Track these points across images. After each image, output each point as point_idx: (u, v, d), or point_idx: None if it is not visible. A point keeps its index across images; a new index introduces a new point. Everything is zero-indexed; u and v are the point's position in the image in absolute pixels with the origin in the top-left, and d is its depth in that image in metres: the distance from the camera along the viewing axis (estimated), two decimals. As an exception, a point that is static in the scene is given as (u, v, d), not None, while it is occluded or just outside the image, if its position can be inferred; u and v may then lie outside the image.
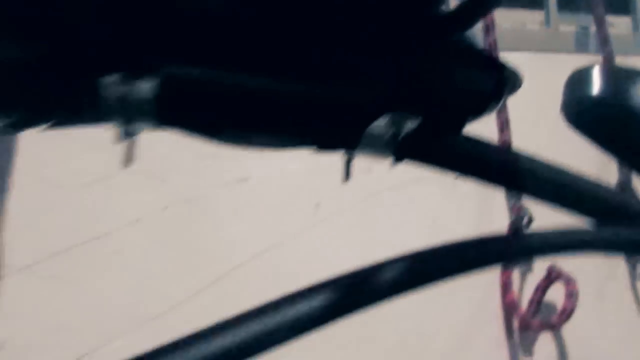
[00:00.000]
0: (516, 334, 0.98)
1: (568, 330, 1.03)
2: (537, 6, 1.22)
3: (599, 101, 0.31)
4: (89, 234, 0.72)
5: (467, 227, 0.98)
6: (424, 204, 0.97)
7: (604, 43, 1.10)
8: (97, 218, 0.74)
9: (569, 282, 0.89)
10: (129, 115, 0.22)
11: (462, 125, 0.26)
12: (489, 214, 0.99)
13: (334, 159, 0.27)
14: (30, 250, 0.70)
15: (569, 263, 0.96)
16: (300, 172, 0.89)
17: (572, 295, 0.88)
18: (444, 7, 0.24)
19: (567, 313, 0.88)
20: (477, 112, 0.25)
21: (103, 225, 0.74)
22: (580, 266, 1.04)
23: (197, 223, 0.83)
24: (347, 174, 0.26)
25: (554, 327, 0.90)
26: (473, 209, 0.99)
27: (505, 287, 0.94)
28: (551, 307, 0.96)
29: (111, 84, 0.21)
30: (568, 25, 1.21)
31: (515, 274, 0.99)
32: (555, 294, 0.97)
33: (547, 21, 1.20)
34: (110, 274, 0.75)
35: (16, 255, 0.68)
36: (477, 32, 1.01)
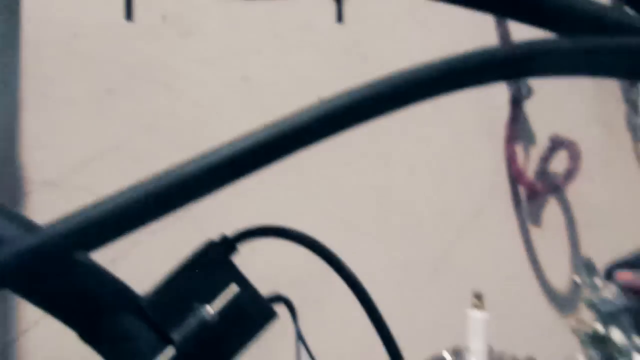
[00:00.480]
0: (524, 204, 1.02)
1: (574, 197, 1.07)
2: None
3: None
4: (107, 144, 0.75)
5: (468, 106, 0.99)
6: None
7: None
8: (115, 128, 0.76)
9: (571, 145, 0.92)
10: None
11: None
12: (489, 89, 1.00)
13: None
14: (52, 164, 0.72)
15: (573, 134, 0.99)
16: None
17: (574, 157, 0.91)
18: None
19: (571, 173, 0.91)
20: None
21: (121, 134, 0.76)
22: (584, 136, 1.07)
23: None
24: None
25: (559, 188, 0.94)
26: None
27: (511, 158, 0.97)
28: (557, 176, 1.00)
29: None
30: None
31: (519, 148, 1.02)
32: (560, 164, 1.00)
33: None
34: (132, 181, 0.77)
35: (38, 170, 0.71)
36: None
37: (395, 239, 0.92)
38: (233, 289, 0.32)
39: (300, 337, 0.37)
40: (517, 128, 0.98)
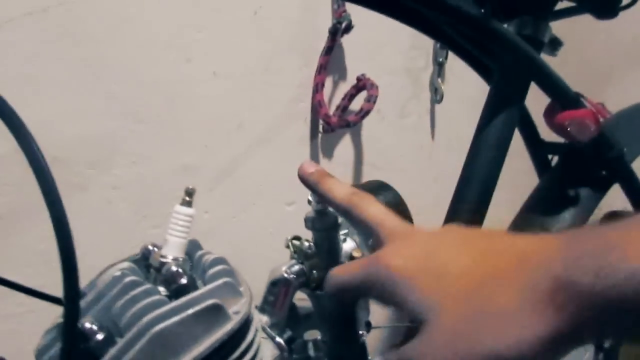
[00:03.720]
0: (320, 135, 1.05)
1: (367, 138, 1.14)
2: None
3: None
4: None
5: (289, 23, 0.98)
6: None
7: None
8: None
9: (372, 88, 0.96)
10: None
11: None
12: (313, 13, 0.99)
13: None
14: None
15: (380, 79, 1.03)
16: None
17: (371, 99, 0.95)
18: None
19: (363, 113, 0.96)
20: None
21: None
22: (389, 84, 1.13)
23: None
24: None
25: (350, 125, 0.99)
26: (297, 5, 0.98)
27: (317, 88, 0.98)
28: (351, 113, 1.04)
29: None
30: None
31: (330, 80, 1.04)
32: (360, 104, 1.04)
33: None
34: None
35: None
36: None
37: (181, 141, 0.90)
38: None
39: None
40: (330, 59, 0.99)
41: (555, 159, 0.73)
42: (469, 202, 0.59)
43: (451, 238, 0.32)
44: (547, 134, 0.72)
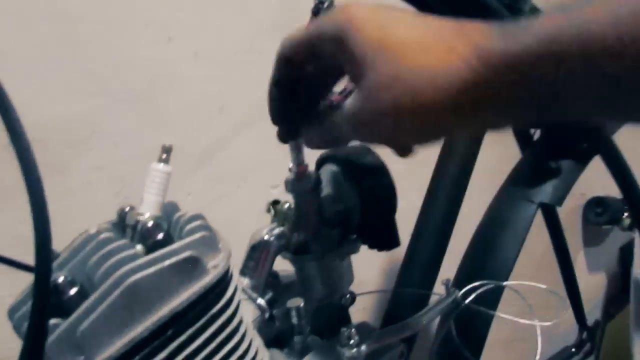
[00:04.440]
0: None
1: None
2: None
3: None
4: None
5: (272, 3, 0.97)
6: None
7: None
8: None
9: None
10: None
11: None
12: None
13: None
14: None
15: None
16: None
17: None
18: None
19: (347, 92, 0.95)
20: None
21: None
22: None
23: None
24: None
25: (334, 104, 0.98)
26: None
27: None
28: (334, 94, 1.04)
29: None
30: None
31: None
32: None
33: None
34: None
35: None
36: None
37: (163, 121, 0.89)
38: None
39: None
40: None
41: (537, 133, 0.73)
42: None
43: (405, 9, 0.36)
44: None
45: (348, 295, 0.49)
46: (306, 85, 0.41)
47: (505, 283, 0.48)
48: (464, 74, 0.29)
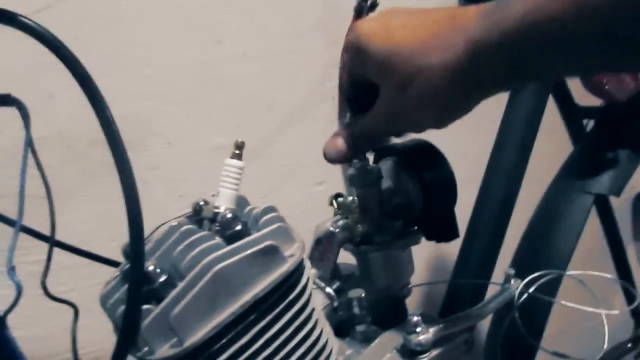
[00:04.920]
0: (348, 115, 1.06)
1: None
2: None
3: None
4: None
5: (315, 3, 0.99)
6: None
7: None
8: None
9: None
10: None
11: None
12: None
13: None
14: None
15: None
16: None
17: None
18: None
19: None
20: None
21: None
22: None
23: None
24: None
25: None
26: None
27: (343, 67, 0.99)
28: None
29: None
30: None
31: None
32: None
33: None
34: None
35: None
36: None
37: (213, 121, 0.91)
38: None
39: (29, 145, 0.35)
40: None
41: (590, 124, 0.72)
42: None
43: (407, 10, 0.41)
44: (580, 99, 0.72)
45: (409, 287, 0.50)
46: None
47: (568, 273, 0.48)
48: (462, 63, 0.35)
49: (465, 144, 1.16)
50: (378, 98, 0.41)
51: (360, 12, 1.00)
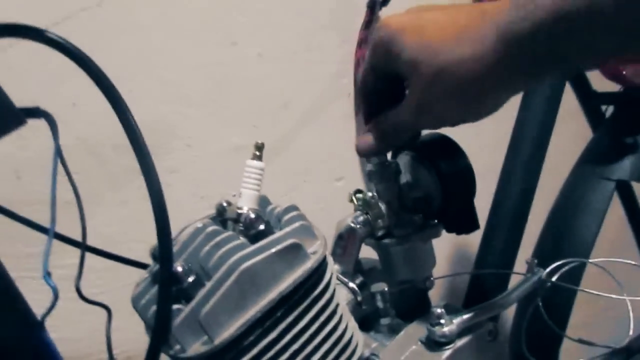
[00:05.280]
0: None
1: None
2: None
3: None
4: None
5: (328, 3, 0.99)
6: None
7: None
8: None
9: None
10: None
11: None
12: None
13: None
14: None
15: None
16: None
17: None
18: None
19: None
20: None
21: None
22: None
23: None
24: None
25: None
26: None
27: (359, 62, 0.99)
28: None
29: None
30: None
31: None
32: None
33: None
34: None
35: None
36: None
37: (231, 122, 0.92)
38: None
39: (59, 154, 0.36)
40: (370, 34, 1.00)
41: (609, 110, 0.72)
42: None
43: (438, 6, 0.41)
44: (598, 85, 0.71)
45: (431, 280, 0.50)
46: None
47: (591, 260, 0.48)
48: (493, 55, 0.36)
49: (483, 133, 1.16)
50: (408, 92, 0.41)
51: (373, 7, 1.00)
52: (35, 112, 0.33)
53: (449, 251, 1.14)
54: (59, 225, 0.49)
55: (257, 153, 0.42)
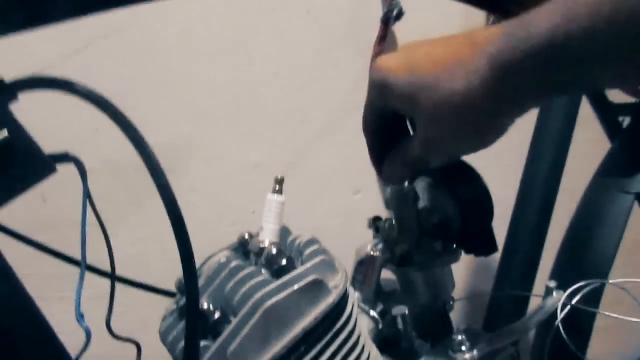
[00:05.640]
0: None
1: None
2: None
3: None
4: None
5: (342, 17, 1.00)
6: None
7: None
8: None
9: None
10: None
11: None
12: (364, 4, 1.01)
13: None
14: None
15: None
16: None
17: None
18: None
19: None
20: None
21: None
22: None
23: None
24: None
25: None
26: (349, 0, 1.00)
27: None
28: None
29: None
30: None
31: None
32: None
33: None
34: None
35: None
36: None
37: (250, 140, 0.94)
38: (3, 135, 0.31)
39: (88, 197, 0.37)
40: (384, 47, 1.01)
41: (626, 121, 0.71)
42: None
43: (429, 41, 0.40)
44: (615, 96, 0.71)
45: (452, 302, 0.51)
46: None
47: (612, 281, 0.48)
48: (488, 86, 0.35)
49: (500, 146, 1.15)
50: (415, 129, 0.42)
51: (387, 22, 1.01)
52: (65, 158, 0.35)
53: (467, 271, 1.14)
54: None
55: (278, 187, 0.43)
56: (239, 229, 0.45)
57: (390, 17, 0.97)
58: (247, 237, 0.44)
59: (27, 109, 0.38)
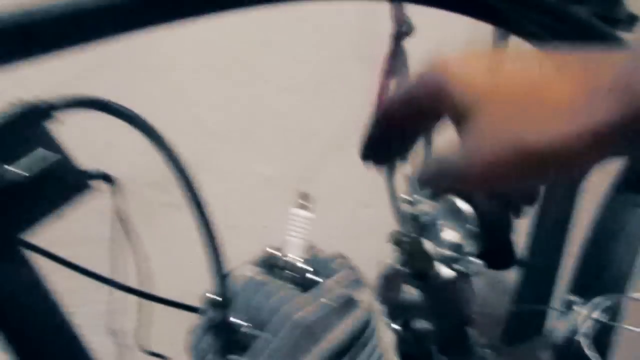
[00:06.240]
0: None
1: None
2: None
3: None
4: None
5: (350, 32, 1.01)
6: (308, 12, 0.98)
7: None
8: None
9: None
10: None
11: None
12: (373, 20, 1.02)
13: None
14: None
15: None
16: None
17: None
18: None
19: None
20: None
21: None
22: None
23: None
24: None
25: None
26: (357, 14, 1.02)
27: (381, 92, 1.01)
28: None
29: None
30: None
31: (394, 84, 1.06)
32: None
33: None
34: None
35: None
36: None
37: (261, 154, 0.95)
38: (45, 155, 0.32)
39: (119, 215, 0.38)
40: (395, 63, 1.02)
41: None
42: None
43: (526, 60, 0.28)
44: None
45: (473, 317, 0.51)
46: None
47: (632, 295, 0.49)
48: (617, 126, 0.24)
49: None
50: (467, 147, 0.28)
51: (398, 38, 1.02)
52: (97, 176, 0.35)
53: (486, 283, 1.14)
54: (102, 263, 0.51)
55: (302, 202, 0.43)
56: (250, 244, 0.46)
57: (401, 32, 0.98)
58: (271, 251, 0.45)
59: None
